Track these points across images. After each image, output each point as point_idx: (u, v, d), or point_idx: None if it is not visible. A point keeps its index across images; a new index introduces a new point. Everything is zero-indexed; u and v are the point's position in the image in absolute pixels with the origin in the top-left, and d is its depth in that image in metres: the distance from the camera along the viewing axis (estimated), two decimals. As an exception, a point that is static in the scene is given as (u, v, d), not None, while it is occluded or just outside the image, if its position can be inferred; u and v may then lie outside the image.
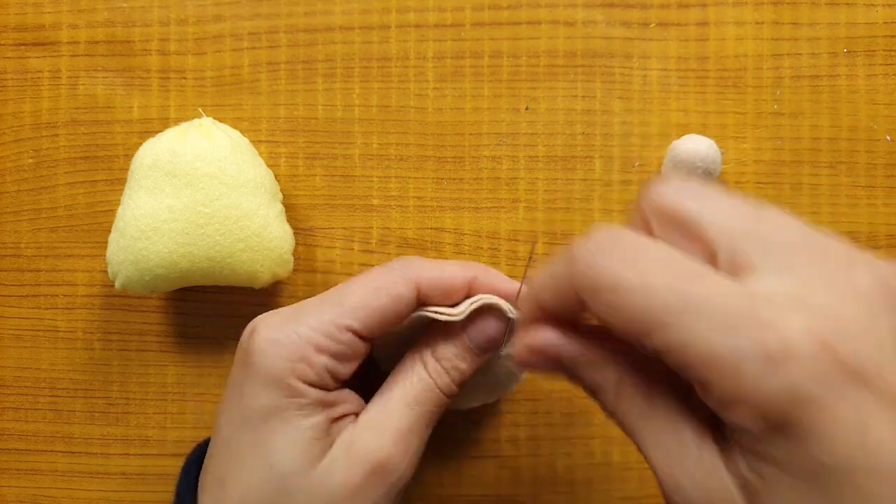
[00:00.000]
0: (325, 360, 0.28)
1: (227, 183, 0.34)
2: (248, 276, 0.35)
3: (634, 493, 0.39)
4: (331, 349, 0.28)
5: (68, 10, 0.39)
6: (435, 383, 0.29)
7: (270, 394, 0.28)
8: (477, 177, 0.39)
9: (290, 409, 0.27)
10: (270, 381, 0.28)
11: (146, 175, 0.34)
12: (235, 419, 0.29)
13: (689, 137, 0.38)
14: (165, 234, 0.34)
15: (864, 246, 0.39)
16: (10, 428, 0.39)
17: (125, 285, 0.35)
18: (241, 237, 0.34)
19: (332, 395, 0.29)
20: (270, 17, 0.39)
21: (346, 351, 0.28)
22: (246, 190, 0.35)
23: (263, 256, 0.35)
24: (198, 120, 0.36)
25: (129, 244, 0.34)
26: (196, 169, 0.34)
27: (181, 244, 0.34)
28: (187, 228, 0.34)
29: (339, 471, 0.27)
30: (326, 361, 0.28)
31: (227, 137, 0.35)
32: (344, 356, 0.29)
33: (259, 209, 0.35)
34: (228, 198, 0.34)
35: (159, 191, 0.34)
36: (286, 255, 0.36)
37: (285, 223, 0.37)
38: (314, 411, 0.28)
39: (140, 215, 0.34)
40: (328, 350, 0.28)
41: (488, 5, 0.39)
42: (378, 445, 0.28)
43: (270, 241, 0.35)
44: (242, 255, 0.34)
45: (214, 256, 0.34)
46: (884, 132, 0.39)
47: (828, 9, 0.39)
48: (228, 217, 0.34)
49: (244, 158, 0.35)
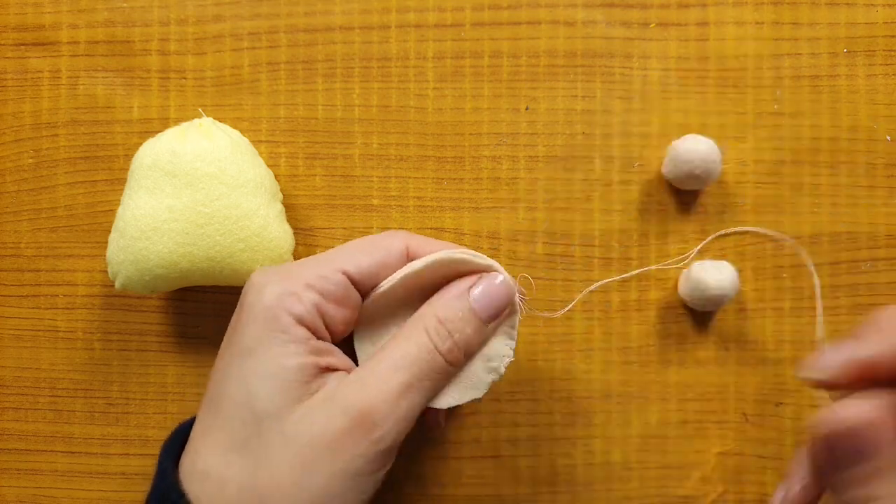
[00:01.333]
0: (314, 296, 0.28)
1: (227, 183, 0.34)
2: (248, 276, 0.35)
3: (634, 493, 0.39)
4: (321, 287, 0.28)
5: (68, 10, 0.39)
6: (435, 346, 0.28)
7: (258, 327, 0.27)
8: (477, 177, 0.39)
9: (275, 343, 0.27)
10: (259, 313, 0.27)
11: (146, 175, 0.34)
12: (225, 356, 0.28)
13: (689, 137, 0.38)
14: (165, 234, 0.34)
15: (864, 246, 0.39)
16: (10, 428, 0.39)
17: (125, 285, 0.35)
18: (241, 237, 0.34)
19: (321, 344, 0.28)
20: (270, 17, 0.39)
21: (337, 292, 0.28)
22: (246, 190, 0.35)
23: (263, 256, 0.35)
24: (198, 120, 0.36)
25: (129, 244, 0.34)
26: (196, 169, 0.34)
27: (181, 244, 0.34)
28: (187, 228, 0.34)
29: (319, 418, 0.26)
30: (315, 298, 0.28)
31: (227, 137, 0.35)
32: (334, 297, 0.28)
33: (259, 209, 0.35)
34: (228, 198, 0.34)
35: (159, 191, 0.34)
36: (286, 255, 0.36)
37: (285, 223, 0.37)
38: (299, 351, 0.27)
39: (140, 215, 0.34)
40: (318, 288, 0.28)
41: (488, 5, 0.39)
42: (362, 396, 0.26)
43: (270, 241, 0.35)
44: (242, 255, 0.34)
45: (214, 256, 0.34)
46: (884, 132, 0.39)
47: (828, 9, 0.39)
48: (228, 217, 0.34)
49: (244, 158, 0.35)
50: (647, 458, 0.39)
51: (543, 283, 0.39)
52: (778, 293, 0.39)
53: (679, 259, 0.39)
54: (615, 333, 0.39)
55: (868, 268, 0.39)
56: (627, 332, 0.39)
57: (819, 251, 0.39)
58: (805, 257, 0.38)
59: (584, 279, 0.39)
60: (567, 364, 0.39)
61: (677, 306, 0.39)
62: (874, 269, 0.39)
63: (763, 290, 0.39)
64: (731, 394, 0.39)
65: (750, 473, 0.39)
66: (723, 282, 0.36)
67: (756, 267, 0.39)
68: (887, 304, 0.38)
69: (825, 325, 0.39)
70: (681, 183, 0.38)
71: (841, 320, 0.39)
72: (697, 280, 0.37)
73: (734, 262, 0.38)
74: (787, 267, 0.39)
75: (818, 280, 0.38)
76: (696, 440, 0.39)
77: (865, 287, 0.39)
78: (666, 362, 0.39)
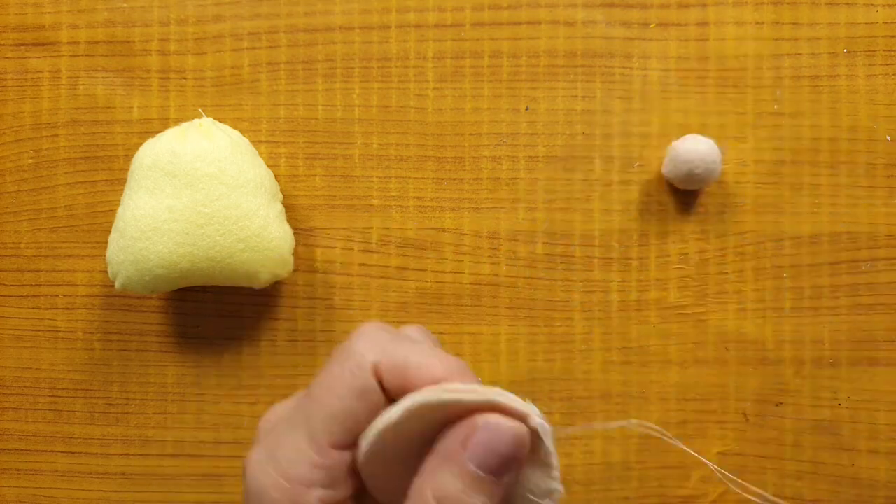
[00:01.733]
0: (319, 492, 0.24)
1: (227, 183, 0.34)
2: (248, 276, 0.35)
3: (634, 493, 0.39)
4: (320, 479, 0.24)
5: (68, 10, 0.39)
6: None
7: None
8: (477, 177, 0.39)
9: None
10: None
11: (146, 175, 0.34)
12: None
13: (689, 137, 0.38)
14: (165, 234, 0.34)
15: (864, 246, 0.39)
16: (10, 428, 0.39)
17: (125, 285, 0.35)
18: (241, 237, 0.34)
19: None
20: (270, 17, 0.39)
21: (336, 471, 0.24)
22: (246, 190, 0.35)
23: (263, 256, 0.35)
24: (198, 120, 0.36)
25: (129, 244, 0.34)
26: (196, 169, 0.34)
27: (181, 244, 0.34)
28: (187, 228, 0.34)
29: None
30: (321, 494, 0.24)
31: (227, 137, 0.35)
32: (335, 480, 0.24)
33: (259, 209, 0.35)
34: (228, 198, 0.34)
35: (159, 191, 0.34)
36: (286, 255, 0.36)
37: (285, 223, 0.37)
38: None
39: (140, 215, 0.34)
40: (319, 482, 0.24)
41: (488, 5, 0.39)
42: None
43: (270, 241, 0.35)
44: (242, 255, 0.34)
45: (214, 256, 0.34)
46: (884, 132, 0.39)
47: (828, 9, 0.39)
48: (228, 217, 0.34)
49: (244, 158, 0.35)
50: (647, 458, 0.39)
51: (543, 283, 0.39)
52: (778, 293, 0.39)
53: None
54: (615, 333, 0.39)
55: (868, 268, 0.39)
56: (627, 332, 0.39)
57: (819, 251, 0.39)
58: None
59: (584, 279, 0.39)
60: (567, 364, 0.39)
61: (676, 305, 0.39)
62: (874, 269, 0.39)
63: (763, 290, 0.39)
64: (731, 394, 0.39)
65: (750, 473, 0.39)
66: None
67: (756, 267, 0.39)
68: (886, 305, 0.38)
69: (826, 324, 0.39)
70: (681, 183, 0.38)
71: (841, 320, 0.39)
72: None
73: (734, 262, 0.38)
74: (787, 267, 0.39)
75: None
76: (696, 440, 0.39)
77: (865, 287, 0.39)
78: (666, 362, 0.39)
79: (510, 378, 0.39)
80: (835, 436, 0.39)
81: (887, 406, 0.39)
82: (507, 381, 0.39)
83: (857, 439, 0.39)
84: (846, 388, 0.39)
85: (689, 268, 0.39)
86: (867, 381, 0.39)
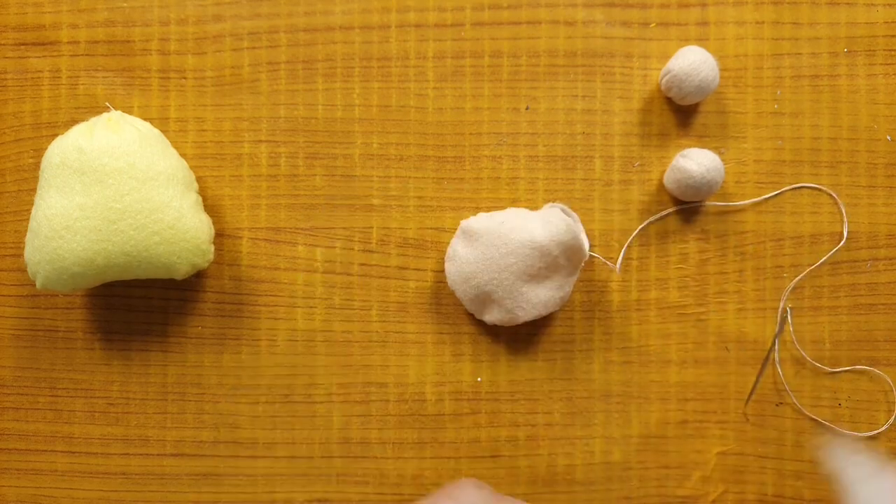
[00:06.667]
0: None
1: (136, 177, 0.34)
2: (166, 269, 0.35)
3: (634, 493, 0.39)
4: None
5: (68, 10, 0.39)
6: None
7: None
8: (477, 177, 0.39)
9: None
10: None
11: (56, 174, 0.34)
12: None
13: (692, 151, 0.38)
14: (78, 232, 0.33)
15: (864, 246, 0.39)
16: (10, 428, 0.39)
17: (45, 285, 0.35)
18: (156, 230, 0.34)
19: None
20: (270, 17, 0.39)
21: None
22: (157, 183, 0.34)
23: (180, 248, 0.35)
24: (106, 114, 0.35)
25: (43, 244, 0.34)
26: (104, 165, 0.34)
27: (95, 241, 0.33)
28: (100, 225, 0.33)
29: None
30: None
31: (135, 131, 0.35)
32: None
33: (172, 201, 0.34)
34: (139, 192, 0.34)
35: (69, 189, 0.34)
36: (204, 244, 0.35)
37: (202, 213, 0.36)
38: None
39: (52, 215, 0.34)
40: None
41: (488, 5, 0.39)
42: None
43: (186, 232, 0.35)
44: (158, 248, 0.34)
45: (130, 251, 0.34)
46: (884, 132, 0.39)
47: (828, 9, 0.39)
48: (141, 211, 0.34)
49: (154, 151, 0.35)
50: (647, 458, 0.39)
51: (543, 283, 0.39)
52: (778, 293, 0.39)
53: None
54: (615, 333, 0.39)
55: (868, 268, 0.39)
56: (627, 332, 0.39)
57: (819, 251, 0.39)
58: None
59: (584, 279, 0.39)
60: (567, 364, 0.39)
61: (676, 305, 0.39)
62: (874, 269, 0.39)
63: (763, 290, 0.39)
64: (731, 394, 0.39)
65: (750, 473, 0.39)
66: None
67: (756, 267, 0.39)
68: (886, 305, 0.38)
69: (826, 324, 0.39)
70: (683, 196, 0.38)
71: (841, 320, 0.39)
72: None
73: (734, 262, 0.38)
74: (786, 267, 0.39)
75: None
76: (696, 440, 0.39)
77: (865, 287, 0.39)
78: (666, 362, 0.39)
79: (510, 378, 0.39)
80: (835, 436, 0.39)
81: (887, 406, 0.39)
82: (507, 380, 0.39)
83: (857, 439, 0.39)
84: (846, 388, 0.39)
85: (689, 268, 0.39)
86: (867, 381, 0.39)
